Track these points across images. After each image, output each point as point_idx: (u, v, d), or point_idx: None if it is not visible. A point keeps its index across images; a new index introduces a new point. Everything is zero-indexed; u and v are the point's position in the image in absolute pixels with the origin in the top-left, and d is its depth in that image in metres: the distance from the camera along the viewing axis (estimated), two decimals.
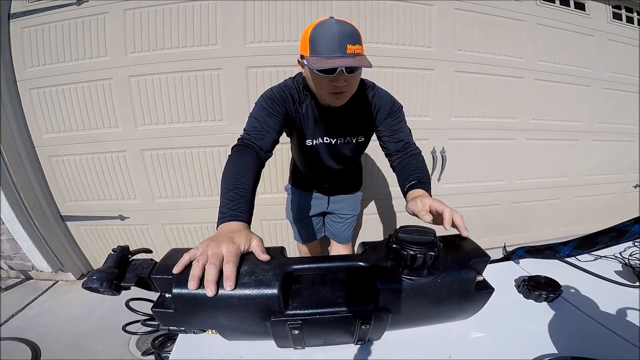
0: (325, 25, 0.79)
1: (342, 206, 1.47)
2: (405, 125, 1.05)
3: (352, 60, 0.78)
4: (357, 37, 0.80)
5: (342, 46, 0.77)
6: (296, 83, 1.01)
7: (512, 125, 2.29)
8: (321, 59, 0.79)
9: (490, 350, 0.60)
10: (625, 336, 0.62)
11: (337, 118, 1.03)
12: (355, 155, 1.22)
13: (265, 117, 0.93)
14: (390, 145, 1.03)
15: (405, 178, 0.90)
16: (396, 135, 1.02)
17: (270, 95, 0.96)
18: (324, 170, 1.23)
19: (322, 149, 1.12)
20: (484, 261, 0.57)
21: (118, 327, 0.67)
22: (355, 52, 0.79)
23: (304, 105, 1.02)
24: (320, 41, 0.79)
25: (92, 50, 1.81)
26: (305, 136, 1.08)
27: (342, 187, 1.42)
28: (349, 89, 0.88)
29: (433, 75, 2.03)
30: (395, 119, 1.02)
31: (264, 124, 0.92)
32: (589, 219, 2.83)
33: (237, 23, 1.78)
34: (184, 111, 1.90)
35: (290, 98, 0.98)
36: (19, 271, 2.29)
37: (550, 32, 2.17)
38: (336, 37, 0.77)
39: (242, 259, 0.55)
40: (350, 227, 1.54)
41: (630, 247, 0.95)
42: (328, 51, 0.78)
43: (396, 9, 1.88)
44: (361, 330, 0.54)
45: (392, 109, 1.02)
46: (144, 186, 2.08)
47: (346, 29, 0.78)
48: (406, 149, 1.01)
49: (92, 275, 0.52)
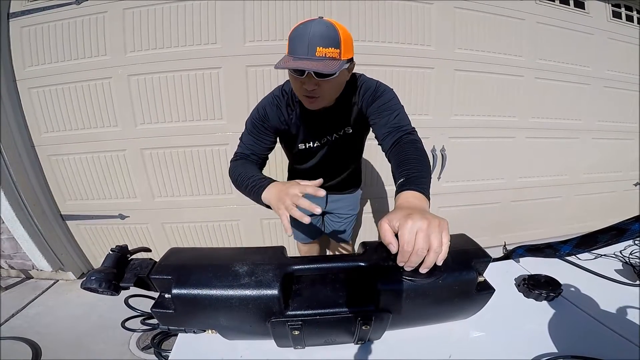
0: (303, 26, 0.76)
1: (341, 205, 1.45)
2: (397, 109, 0.91)
3: (313, 64, 0.73)
4: (332, 40, 0.75)
5: (311, 48, 0.74)
6: (284, 92, 0.98)
7: (512, 123, 2.29)
8: (290, 59, 0.77)
9: (490, 349, 0.60)
10: (626, 335, 0.62)
11: (325, 119, 1.00)
12: (350, 152, 1.19)
13: (257, 134, 0.99)
14: (379, 129, 0.90)
15: (397, 174, 0.74)
16: (383, 117, 0.90)
17: (257, 114, 0.99)
18: (319, 170, 1.21)
19: (314, 150, 1.11)
20: (485, 262, 0.57)
21: (118, 326, 0.67)
22: (326, 55, 0.74)
23: (294, 113, 0.99)
24: (295, 41, 0.77)
25: (92, 49, 1.80)
26: (296, 142, 1.08)
27: (339, 187, 1.38)
28: (322, 93, 0.83)
29: (433, 74, 2.03)
30: (380, 100, 0.92)
31: (256, 139, 0.99)
32: (589, 217, 2.83)
33: (236, 22, 1.77)
34: (183, 110, 1.90)
35: (279, 112, 0.98)
36: (19, 270, 2.29)
37: (550, 30, 2.16)
38: (307, 38, 0.74)
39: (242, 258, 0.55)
40: (349, 226, 1.53)
41: (631, 245, 0.95)
42: (298, 52, 0.76)
43: (396, 7, 1.88)
44: (361, 331, 0.54)
45: (376, 90, 0.93)
46: (144, 185, 2.08)
47: (321, 31, 0.74)
48: (398, 134, 0.85)
49: (90, 275, 0.52)
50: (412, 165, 0.72)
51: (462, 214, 2.46)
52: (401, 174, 0.71)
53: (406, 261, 0.48)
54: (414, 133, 0.86)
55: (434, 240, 0.46)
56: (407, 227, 0.47)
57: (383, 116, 0.89)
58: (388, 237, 0.49)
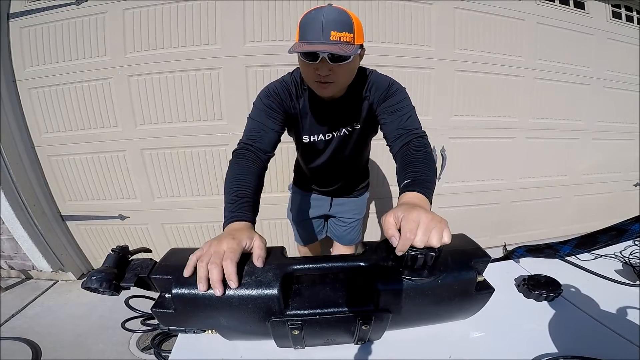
0: (314, 12, 0.76)
1: (346, 209, 1.40)
2: (409, 111, 0.90)
3: (329, 47, 0.73)
4: (346, 24, 0.75)
5: (325, 32, 0.73)
6: (294, 78, 0.97)
7: (512, 124, 2.29)
8: (302, 44, 0.76)
9: (490, 350, 0.60)
10: (626, 335, 0.62)
11: (334, 111, 0.98)
12: (355, 152, 1.15)
13: (263, 118, 0.91)
14: (390, 130, 0.88)
15: (403, 175, 0.74)
16: (395, 118, 0.88)
17: (267, 93, 0.93)
18: (324, 169, 1.19)
19: (320, 145, 1.09)
20: (485, 261, 0.57)
21: (118, 326, 0.67)
22: (340, 39, 0.74)
23: (302, 100, 0.98)
24: (307, 27, 0.76)
25: (92, 49, 1.80)
26: (302, 132, 1.05)
27: (345, 189, 1.34)
28: (336, 79, 0.83)
29: (433, 74, 2.03)
30: (392, 99, 0.90)
31: (263, 124, 0.90)
32: (589, 217, 2.83)
33: (236, 22, 1.77)
34: (183, 110, 1.90)
35: (287, 94, 0.95)
36: (20, 271, 2.29)
37: (550, 31, 2.17)
38: (320, 23, 0.73)
39: (245, 257, 0.55)
40: (354, 230, 1.47)
41: (631, 245, 0.94)
42: (311, 37, 0.75)
43: (396, 8, 1.88)
44: (361, 331, 0.54)
45: (389, 88, 0.91)
46: (144, 186, 2.08)
47: (334, 16, 0.74)
48: (408, 138, 0.83)
49: (91, 275, 0.52)
50: (419, 168, 0.73)
51: (462, 214, 2.46)
52: (407, 175, 0.71)
53: (406, 251, 0.49)
54: (424, 137, 0.86)
55: (434, 235, 0.48)
56: (411, 217, 0.50)
57: (395, 117, 0.88)
58: (391, 230, 0.51)
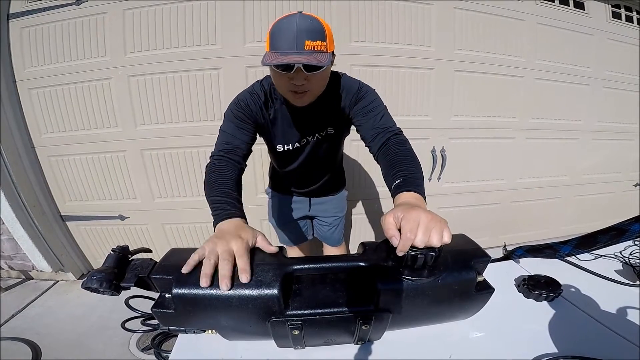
0: (285, 20, 0.75)
1: (326, 208, 1.40)
2: (382, 110, 0.92)
3: (305, 57, 0.72)
4: (318, 33, 0.74)
5: (299, 42, 0.72)
6: (263, 87, 0.96)
7: (512, 124, 2.29)
8: (275, 54, 0.74)
9: (490, 350, 0.60)
10: (626, 335, 0.62)
11: (306, 118, 0.98)
12: (330, 154, 1.16)
13: (234, 130, 0.91)
14: (366, 131, 0.91)
15: (391, 176, 0.74)
16: (369, 119, 0.90)
17: (237, 104, 0.93)
18: (300, 173, 1.19)
19: (295, 153, 1.08)
20: (485, 261, 0.57)
21: (118, 326, 0.67)
22: (314, 48, 0.73)
23: (272, 110, 0.97)
24: (278, 36, 0.74)
25: (92, 50, 1.80)
26: (275, 141, 1.05)
27: (322, 189, 1.33)
28: (311, 87, 0.82)
29: (433, 74, 2.03)
30: (364, 100, 0.93)
31: (234, 136, 0.90)
32: (589, 218, 2.83)
33: (236, 23, 1.77)
34: (183, 111, 1.90)
35: (257, 105, 0.94)
36: (20, 271, 2.29)
37: (550, 31, 2.17)
38: (293, 32, 0.72)
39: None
40: (338, 228, 1.48)
41: (631, 246, 0.94)
42: (284, 47, 0.73)
43: (396, 8, 1.88)
44: (361, 331, 0.54)
45: (359, 90, 0.93)
46: (144, 186, 2.08)
47: (306, 24, 0.73)
48: (386, 136, 0.86)
49: (91, 275, 0.52)
50: (406, 166, 0.75)
51: (462, 214, 2.46)
52: (396, 175, 0.72)
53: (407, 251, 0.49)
54: (400, 134, 0.88)
55: (434, 235, 0.48)
56: (411, 217, 0.50)
57: (369, 117, 0.90)
58: (392, 230, 0.51)
